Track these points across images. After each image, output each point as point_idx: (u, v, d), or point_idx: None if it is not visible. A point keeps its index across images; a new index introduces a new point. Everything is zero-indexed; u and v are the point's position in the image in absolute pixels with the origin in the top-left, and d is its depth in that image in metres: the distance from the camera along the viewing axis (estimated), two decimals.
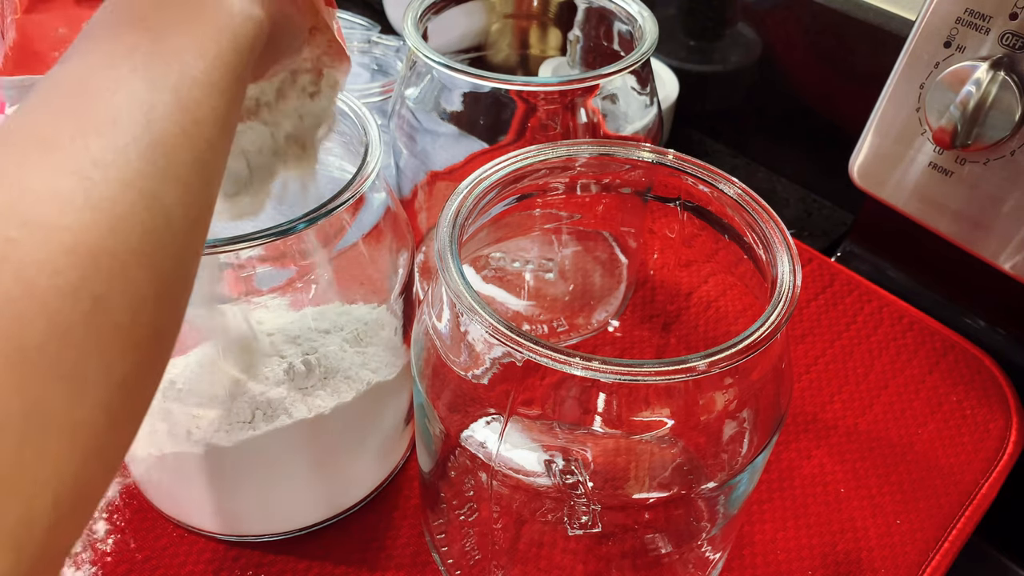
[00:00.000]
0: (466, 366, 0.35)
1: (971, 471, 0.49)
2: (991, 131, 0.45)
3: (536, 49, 0.61)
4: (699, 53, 0.73)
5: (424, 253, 0.57)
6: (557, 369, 0.29)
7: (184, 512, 0.44)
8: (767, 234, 0.35)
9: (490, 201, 0.37)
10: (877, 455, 0.49)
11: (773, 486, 0.48)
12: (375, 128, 0.39)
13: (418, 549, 0.44)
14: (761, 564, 0.44)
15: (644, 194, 0.48)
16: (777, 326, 0.30)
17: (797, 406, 0.52)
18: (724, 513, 0.38)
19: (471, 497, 0.40)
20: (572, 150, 0.39)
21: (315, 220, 0.34)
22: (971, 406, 0.52)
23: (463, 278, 0.31)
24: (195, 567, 0.43)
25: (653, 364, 0.29)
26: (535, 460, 0.37)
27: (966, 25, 0.46)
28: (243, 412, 0.38)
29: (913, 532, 0.46)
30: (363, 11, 0.77)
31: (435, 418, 0.36)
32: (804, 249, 0.62)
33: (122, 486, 0.46)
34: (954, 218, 0.50)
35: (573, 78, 0.45)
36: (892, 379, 0.54)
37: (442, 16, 0.51)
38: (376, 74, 0.67)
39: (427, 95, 0.48)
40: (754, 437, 0.35)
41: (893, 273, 0.61)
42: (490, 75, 0.43)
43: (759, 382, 0.34)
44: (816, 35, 0.64)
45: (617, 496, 0.37)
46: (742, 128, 0.75)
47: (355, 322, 0.40)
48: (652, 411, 0.34)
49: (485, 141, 0.48)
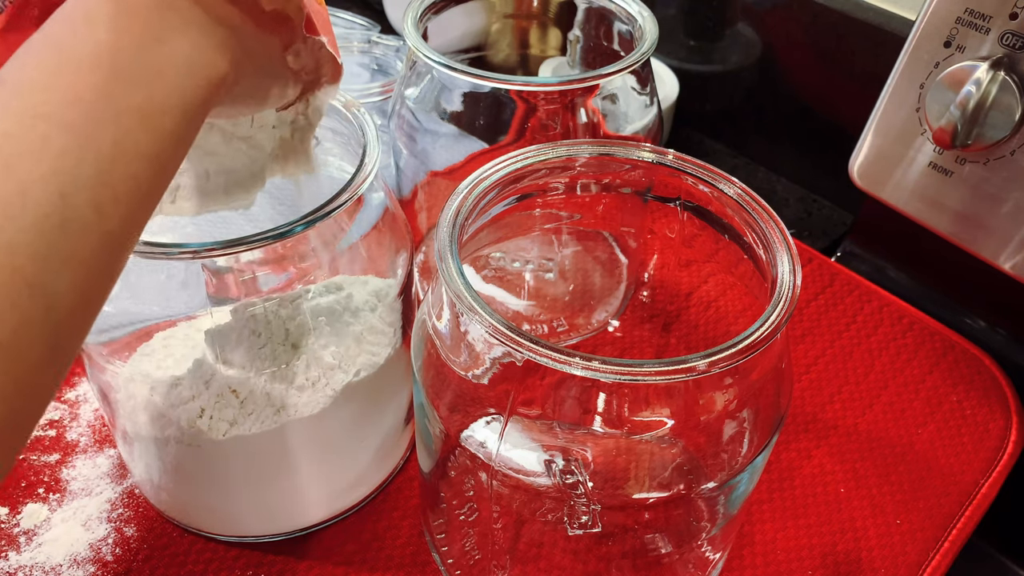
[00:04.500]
0: (466, 366, 0.35)
1: (971, 471, 0.49)
2: (991, 131, 0.45)
3: (536, 49, 0.61)
4: (699, 53, 0.73)
5: (424, 253, 0.57)
6: (557, 369, 0.29)
7: (184, 512, 0.44)
8: (767, 234, 0.35)
9: (490, 201, 0.37)
10: (877, 455, 0.49)
11: (773, 486, 0.48)
12: (373, 129, 0.39)
13: (418, 549, 0.44)
14: (761, 564, 0.44)
15: (644, 194, 0.48)
16: (777, 326, 0.30)
17: (797, 406, 0.52)
18: (724, 513, 0.38)
19: (471, 497, 0.40)
20: (572, 150, 0.39)
21: (314, 222, 0.34)
22: (971, 406, 0.52)
23: (463, 278, 0.31)
24: (195, 567, 0.43)
25: (653, 364, 0.29)
26: (535, 460, 0.37)
27: (966, 25, 0.46)
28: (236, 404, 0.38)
29: (913, 532, 0.46)
30: (363, 11, 0.77)
31: (435, 418, 0.36)
32: (804, 249, 0.62)
33: (122, 486, 0.46)
34: (954, 218, 0.50)
35: (573, 78, 0.45)
36: (892, 379, 0.54)
37: (442, 16, 0.51)
38: (376, 74, 0.67)
39: (427, 95, 0.48)
40: (754, 437, 0.35)
41: (893, 273, 0.61)
42: (490, 75, 0.43)
43: (759, 382, 0.34)
44: (816, 35, 0.64)
45: (617, 496, 0.37)
46: (742, 128, 0.75)
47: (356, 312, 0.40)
48: (652, 411, 0.34)
49: (485, 141, 0.48)
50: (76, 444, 0.48)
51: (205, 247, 0.32)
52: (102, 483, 0.46)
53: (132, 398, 0.38)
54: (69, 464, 0.47)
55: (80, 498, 0.45)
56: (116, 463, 0.47)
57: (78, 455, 0.47)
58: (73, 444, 0.48)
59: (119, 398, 0.39)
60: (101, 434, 0.48)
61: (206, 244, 0.32)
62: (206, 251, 0.32)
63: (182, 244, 0.32)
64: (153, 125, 0.23)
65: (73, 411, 0.49)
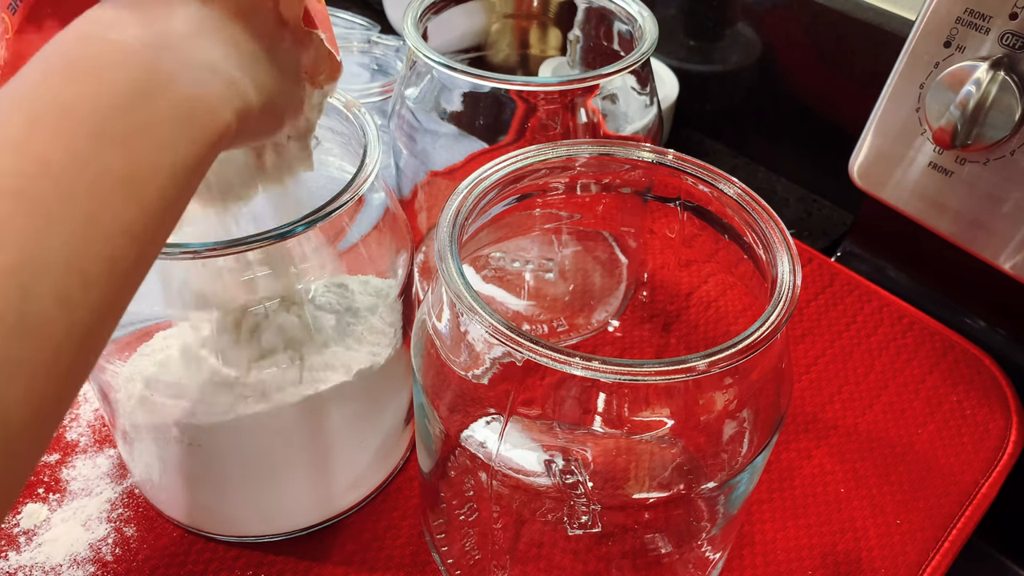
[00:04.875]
0: (466, 366, 0.35)
1: (971, 471, 0.49)
2: (991, 131, 0.45)
3: (536, 49, 0.61)
4: (699, 53, 0.73)
5: (424, 253, 0.57)
6: (557, 369, 0.29)
7: (184, 512, 0.44)
8: (767, 234, 0.35)
9: (490, 201, 0.37)
10: (877, 455, 0.49)
11: (773, 486, 0.48)
12: (374, 129, 0.39)
13: (418, 549, 0.44)
14: (761, 564, 0.44)
15: (644, 194, 0.48)
16: (777, 326, 0.30)
17: (797, 406, 0.52)
18: (724, 513, 0.38)
19: (471, 497, 0.40)
20: (572, 150, 0.39)
21: (315, 222, 0.34)
22: (971, 406, 0.52)
23: (463, 278, 0.31)
24: (195, 567, 0.43)
25: (653, 364, 0.29)
26: (535, 460, 0.37)
27: (966, 25, 0.46)
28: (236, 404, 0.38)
29: (913, 532, 0.46)
30: (363, 11, 0.77)
31: (435, 418, 0.36)
32: (804, 249, 0.62)
33: (122, 486, 0.46)
34: (954, 218, 0.50)
35: (573, 78, 0.45)
36: (892, 379, 0.54)
37: (442, 16, 0.51)
38: (376, 74, 0.67)
39: (427, 95, 0.48)
40: (754, 437, 0.35)
41: (893, 273, 0.61)
42: (490, 75, 0.43)
43: (759, 382, 0.34)
44: (816, 35, 0.64)
45: (617, 496, 0.37)
46: (742, 128, 0.75)
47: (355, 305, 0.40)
48: (652, 411, 0.34)
49: (485, 141, 0.48)
50: (76, 444, 0.48)
51: (206, 247, 0.32)
52: (102, 483, 0.46)
53: (132, 397, 0.38)
54: (69, 464, 0.47)
55: (80, 498, 0.45)
56: (116, 463, 0.47)
57: (78, 455, 0.47)
58: (73, 444, 0.48)
59: (119, 398, 0.39)
60: (101, 434, 0.48)
61: (207, 244, 0.32)
62: (207, 251, 0.32)
63: (182, 244, 0.32)
64: (136, 193, 0.19)
65: (73, 411, 0.49)
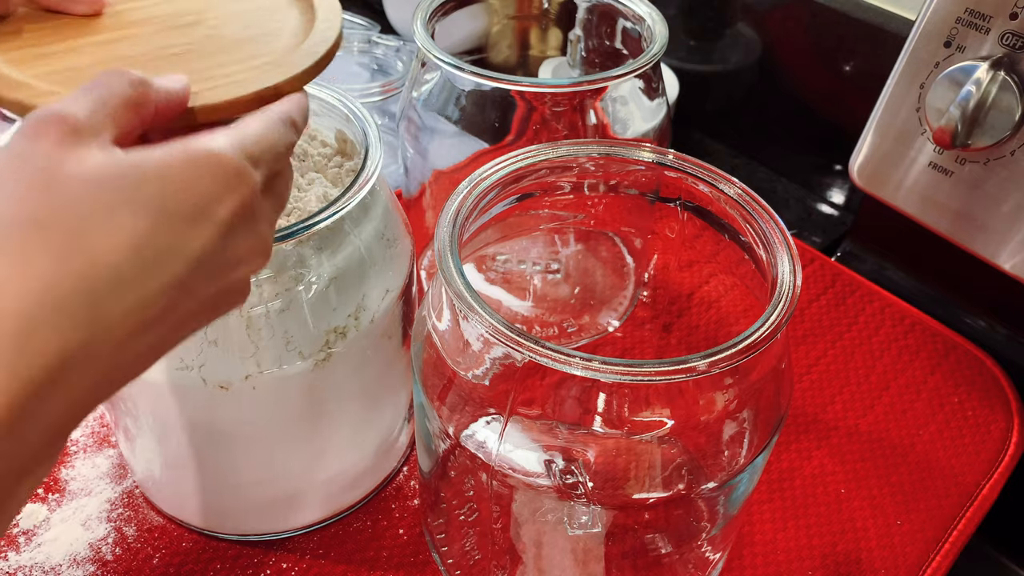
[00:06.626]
0: (466, 366, 0.35)
1: (972, 472, 0.49)
2: (991, 131, 0.45)
3: (536, 49, 0.61)
4: (699, 53, 0.73)
5: (430, 255, 0.57)
6: (557, 369, 0.29)
7: (184, 509, 0.44)
8: (767, 234, 0.35)
9: (491, 201, 0.37)
10: (878, 456, 0.49)
11: (773, 486, 0.48)
12: (375, 130, 0.39)
13: (418, 549, 0.44)
14: (761, 564, 0.44)
15: (650, 195, 0.48)
16: (777, 326, 0.30)
17: (798, 406, 0.52)
18: (724, 513, 0.38)
19: (471, 497, 0.40)
20: (573, 150, 0.39)
21: (315, 223, 0.34)
22: (972, 407, 0.52)
23: (463, 277, 0.31)
24: (195, 567, 0.43)
25: (653, 364, 0.29)
26: (535, 460, 0.37)
27: (966, 25, 0.46)
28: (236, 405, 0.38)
29: (913, 533, 0.46)
30: (363, 11, 0.77)
31: (435, 418, 0.36)
32: (806, 249, 0.62)
33: (122, 486, 0.46)
34: (954, 218, 0.50)
35: (583, 79, 0.45)
36: (893, 380, 0.54)
37: (447, 19, 0.51)
38: (376, 74, 0.67)
39: (436, 96, 0.48)
40: (754, 437, 0.35)
41: (893, 273, 0.61)
42: (501, 76, 0.43)
43: (759, 382, 0.34)
44: (816, 35, 0.64)
45: (617, 496, 0.37)
46: (742, 128, 0.75)
47: None
48: (652, 411, 0.34)
49: (493, 141, 0.48)
50: (75, 444, 0.48)
51: None
52: (102, 483, 0.46)
53: (132, 396, 0.38)
54: (68, 464, 0.47)
55: (79, 498, 0.45)
56: (116, 463, 0.47)
57: (77, 455, 0.47)
58: (72, 444, 0.48)
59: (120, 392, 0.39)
60: (101, 434, 0.48)
61: None
62: None
63: None
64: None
65: None
